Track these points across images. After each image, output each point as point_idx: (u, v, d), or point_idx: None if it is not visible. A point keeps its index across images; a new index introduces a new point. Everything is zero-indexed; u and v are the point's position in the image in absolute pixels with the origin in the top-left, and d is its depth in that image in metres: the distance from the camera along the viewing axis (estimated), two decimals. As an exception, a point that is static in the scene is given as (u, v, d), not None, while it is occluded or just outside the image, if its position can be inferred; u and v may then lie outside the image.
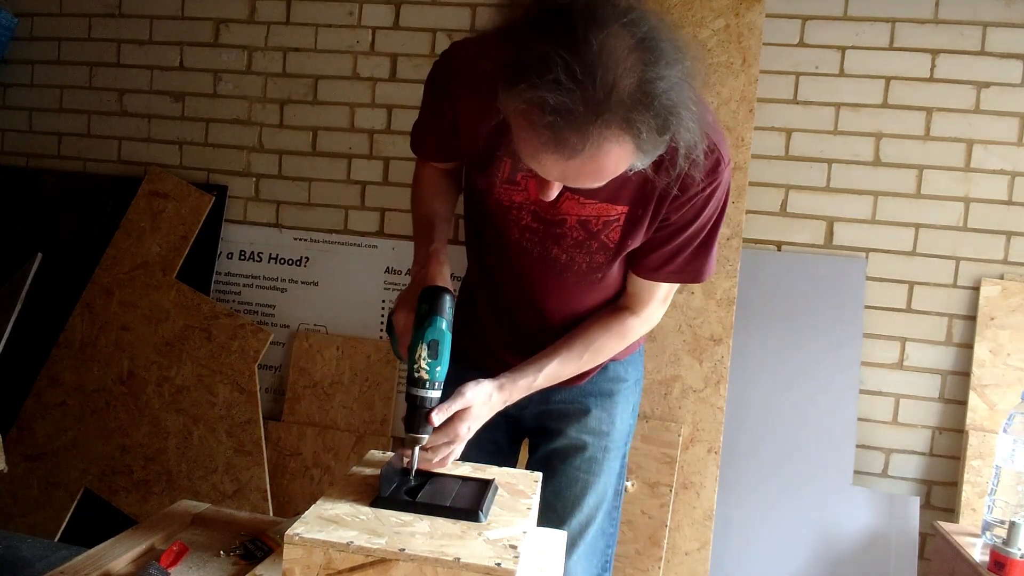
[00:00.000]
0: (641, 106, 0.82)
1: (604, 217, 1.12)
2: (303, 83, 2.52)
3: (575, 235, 1.15)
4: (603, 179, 0.92)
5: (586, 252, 1.17)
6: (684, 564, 2.07)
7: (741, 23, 2.11)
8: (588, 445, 1.35)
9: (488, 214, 1.22)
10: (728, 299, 2.09)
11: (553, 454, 1.36)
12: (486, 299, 1.34)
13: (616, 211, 1.11)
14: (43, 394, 2.53)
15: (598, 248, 1.16)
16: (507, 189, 1.15)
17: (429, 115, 1.22)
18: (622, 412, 1.39)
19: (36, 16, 2.72)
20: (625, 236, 1.13)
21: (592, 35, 0.80)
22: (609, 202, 1.10)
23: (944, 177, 2.13)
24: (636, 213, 1.11)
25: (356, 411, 2.39)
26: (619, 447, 1.40)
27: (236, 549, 1.11)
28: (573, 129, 0.82)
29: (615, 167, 0.90)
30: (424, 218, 1.27)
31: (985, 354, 2.07)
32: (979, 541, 1.71)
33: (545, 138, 0.84)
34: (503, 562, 0.80)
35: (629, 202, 1.10)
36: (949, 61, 2.11)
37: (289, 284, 2.53)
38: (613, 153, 0.86)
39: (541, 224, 1.16)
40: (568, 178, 0.92)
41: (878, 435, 2.16)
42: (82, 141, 2.71)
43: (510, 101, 0.86)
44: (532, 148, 0.88)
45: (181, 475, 2.40)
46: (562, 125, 0.82)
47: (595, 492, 1.35)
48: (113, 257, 2.54)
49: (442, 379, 1.04)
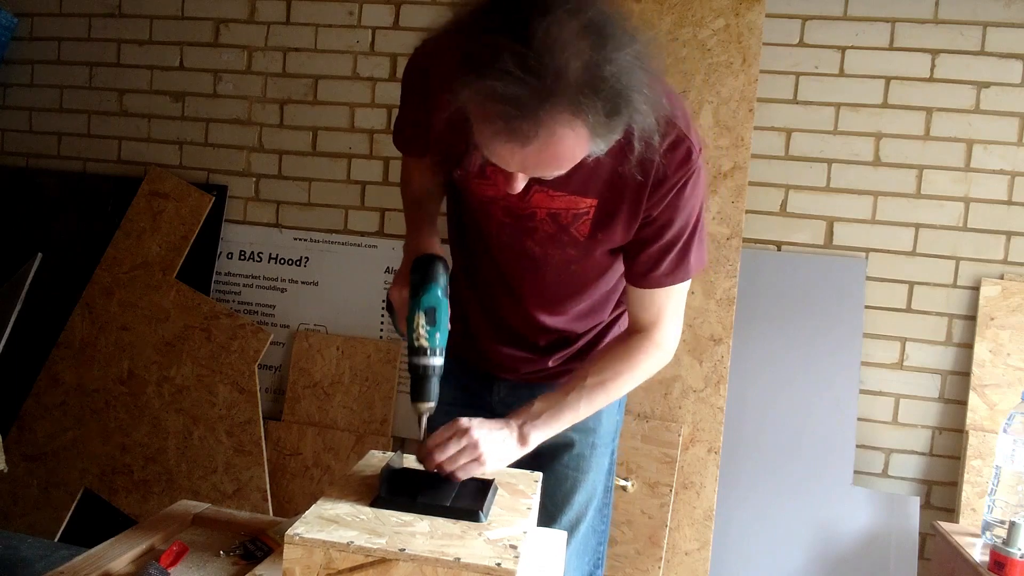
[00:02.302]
0: (589, 89, 0.83)
1: (573, 210, 1.12)
2: (303, 83, 2.52)
3: (546, 228, 1.15)
4: (561, 166, 0.92)
5: (558, 245, 1.17)
6: (684, 564, 2.07)
7: (741, 23, 2.11)
8: (575, 442, 1.34)
9: (467, 209, 1.24)
10: (728, 299, 2.09)
11: (540, 452, 1.35)
12: (470, 293, 1.34)
13: (585, 203, 1.11)
14: (43, 394, 2.53)
15: (569, 241, 1.16)
16: (481, 184, 1.16)
17: (406, 110, 1.24)
18: (607, 409, 1.36)
19: (36, 16, 2.72)
20: (596, 229, 1.13)
21: (538, 23, 0.81)
22: (578, 195, 1.11)
23: (944, 177, 2.13)
24: (607, 207, 1.11)
25: (356, 411, 2.39)
26: (607, 443, 1.39)
27: (236, 549, 1.11)
28: (524, 117, 0.83)
29: (571, 153, 0.90)
30: (411, 199, 1.30)
31: (985, 354, 2.07)
32: (979, 541, 1.71)
33: (498, 127, 0.85)
34: (503, 562, 0.80)
35: (598, 195, 1.10)
36: (949, 61, 2.11)
37: (289, 284, 2.53)
38: (567, 138, 0.87)
39: (513, 219, 1.17)
40: (527, 167, 0.92)
41: (878, 435, 2.16)
42: (82, 141, 2.71)
43: (465, 93, 0.87)
44: (487, 138, 0.89)
45: (181, 475, 2.40)
46: (513, 114, 0.83)
47: (585, 489, 1.35)
48: (113, 257, 2.54)
49: (443, 345, 1.04)
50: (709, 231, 2.11)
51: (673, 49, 2.14)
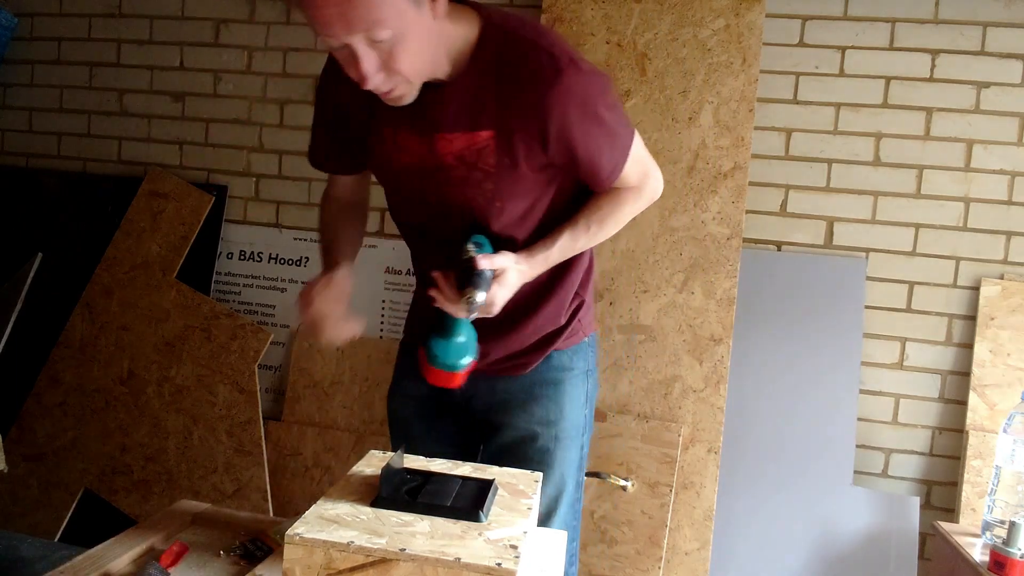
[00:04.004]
0: None
1: (474, 146, 1.15)
2: (303, 83, 2.52)
3: (458, 173, 1.18)
4: (380, 5, 0.96)
5: (474, 184, 1.18)
6: (684, 564, 2.07)
7: (741, 23, 2.11)
8: (539, 435, 1.33)
9: (396, 188, 1.30)
10: (728, 299, 2.09)
11: (504, 448, 1.35)
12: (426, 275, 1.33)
13: (483, 137, 1.14)
14: (43, 394, 2.53)
15: (482, 177, 1.17)
16: (397, 156, 1.22)
17: (320, 123, 1.34)
18: (572, 402, 1.36)
19: (36, 16, 2.72)
20: (501, 156, 1.15)
21: None
22: (471, 130, 1.14)
23: (944, 177, 2.13)
24: (503, 134, 1.14)
25: (356, 411, 2.39)
26: (573, 438, 1.37)
27: (236, 549, 1.11)
28: None
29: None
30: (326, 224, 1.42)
31: (985, 354, 2.07)
32: (979, 541, 1.71)
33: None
34: (504, 562, 0.80)
35: (492, 126, 1.14)
36: (949, 61, 2.11)
37: (289, 284, 2.53)
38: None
39: (429, 175, 1.20)
40: (343, 12, 0.95)
41: (878, 435, 2.16)
42: (82, 141, 2.71)
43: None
44: (307, 7, 0.96)
45: (181, 475, 2.40)
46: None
47: (552, 482, 1.34)
48: (113, 257, 2.54)
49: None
50: (709, 231, 2.11)
51: (673, 49, 2.15)
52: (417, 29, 1.01)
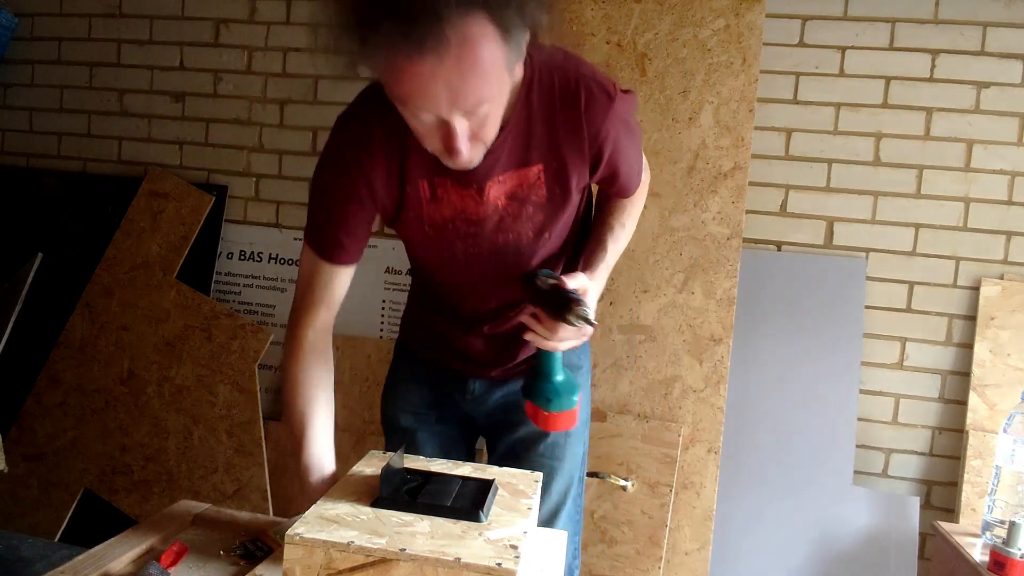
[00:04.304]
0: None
1: (526, 182, 1.14)
2: (303, 83, 2.52)
3: (510, 211, 1.16)
4: (484, 71, 0.88)
5: (526, 220, 1.18)
6: (684, 564, 2.07)
7: (741, 23, 2.11)
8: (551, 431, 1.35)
9: (430, 247, 1.21)
10: (728, 299, 2.09)
11: (516, 444, 1.37)
12: (443, 318, 1.34)
13: (533, 171, 1.13)
14: (43, 394, 2.53)
15: (534, 211, 1.17)
16: (435, 209, 1.16)
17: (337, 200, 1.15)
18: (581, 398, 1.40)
19: (36, 16, 2.72)
20: (552, 189, 1.15)
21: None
22: (522, 166, 1.12)
23: (944, 177, 2.13)
24: (554, 164, 1.13)
25: (356, 411, 2.39)
26: (580, 433, 1.40)
27: (236, 549, 1.11)
28: (425, 22, 0.81)
29: (490, 54, 0.87)
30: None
31: (985, 354, 2.07)
32: (979, 541, 1.71)
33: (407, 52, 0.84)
34: (504, 562, 0.80)
35: (542, 159, 1.12)
36: (949, 61, 2.11)
37: (289, 284, 2.52)
38: (479, 36, 0.85)
39: (477, 225, 1.17)
40: (455, 89, 0.88)
41: (878, 435, 2.16)
42: (82, 141, 2.71)
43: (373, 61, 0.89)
44: (408, 78, 0.88)
45: (181, 475, 2.40)
46: (414, 28, 0.81)
47: (561, 477, 1.36)
48: (113, 257, 2.54)
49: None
50: (709, 231, 2.11)
51: (673, 49, 2.15)
52: (505, 95, 0.97)
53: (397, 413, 1.44)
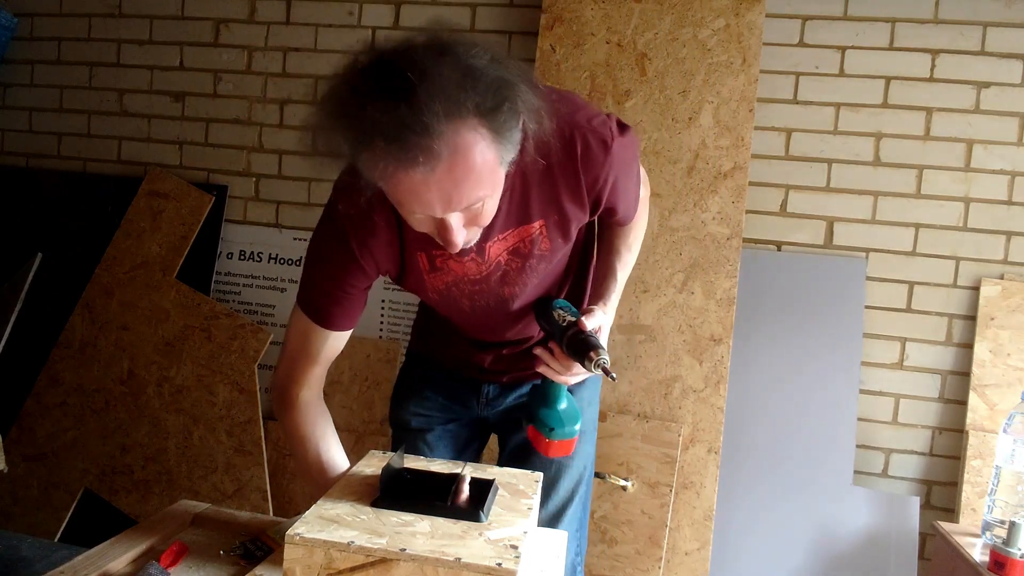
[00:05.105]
0: (469, 87, 0.83)
1: (527, 237, 1.13)
2: (303, 83, 2.52)
3: (513, 267, 1.16)
4: (480, 179, 0.89)
5: (530, 271, 1.18)
6: (684, 564, 2.07)
7: (741, 23, 2.11)
8: None
9: (434, 302, 1.24)
10: (728, 299, 2.09)
11: (527, 441, 1.37)
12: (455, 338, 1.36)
13: (535, 227, 1.13)
14: (43, 394, 2.53)
15: (537, 262, 1.18)
16: (436, 278, 1.17)
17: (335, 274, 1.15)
18: (589, 397, 1.42)
19: (36, 16, 2.72)
20: (555, 239, 1.15)
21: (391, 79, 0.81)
22: (522, 224, 1.12)
23: (944, 177, 2.13)
24: (554, 217, 1.12)
25: (356, 411, 2.39)
26: (589, 431, 1.42)
27: (236, 549, 1.11)
28: (418, 134, 0.81)
29: (482, 159, 0.87)
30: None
31: (985, 354, 2.07)
32: (979, 541, 1.71)
33: (401, 162, 0.83)
34: (504, 562, 0.80)
35: (542, 214, 1.11)
36: (949, 61, 2.11)
37: (289, 284, 2.53)
38: (472, 144, 0.85)
39: (481, 282, 1.17)
40: (448, 195, 0.88)
41: (878, 435, 2.16)
42: (82, 141, 2.71)
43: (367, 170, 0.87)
44: (400, 188, 0.88)
45: (181, 475, 2.40)
46: (407, 139, 0.81)
47: (570, 474, 1.38)
48: (113, 257, 2.54)
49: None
50: (709, 231, 2.11)
51: (673, 49, 2.15)
52: (500, 185, 0.96)
53: (409, 416, 1.46)
